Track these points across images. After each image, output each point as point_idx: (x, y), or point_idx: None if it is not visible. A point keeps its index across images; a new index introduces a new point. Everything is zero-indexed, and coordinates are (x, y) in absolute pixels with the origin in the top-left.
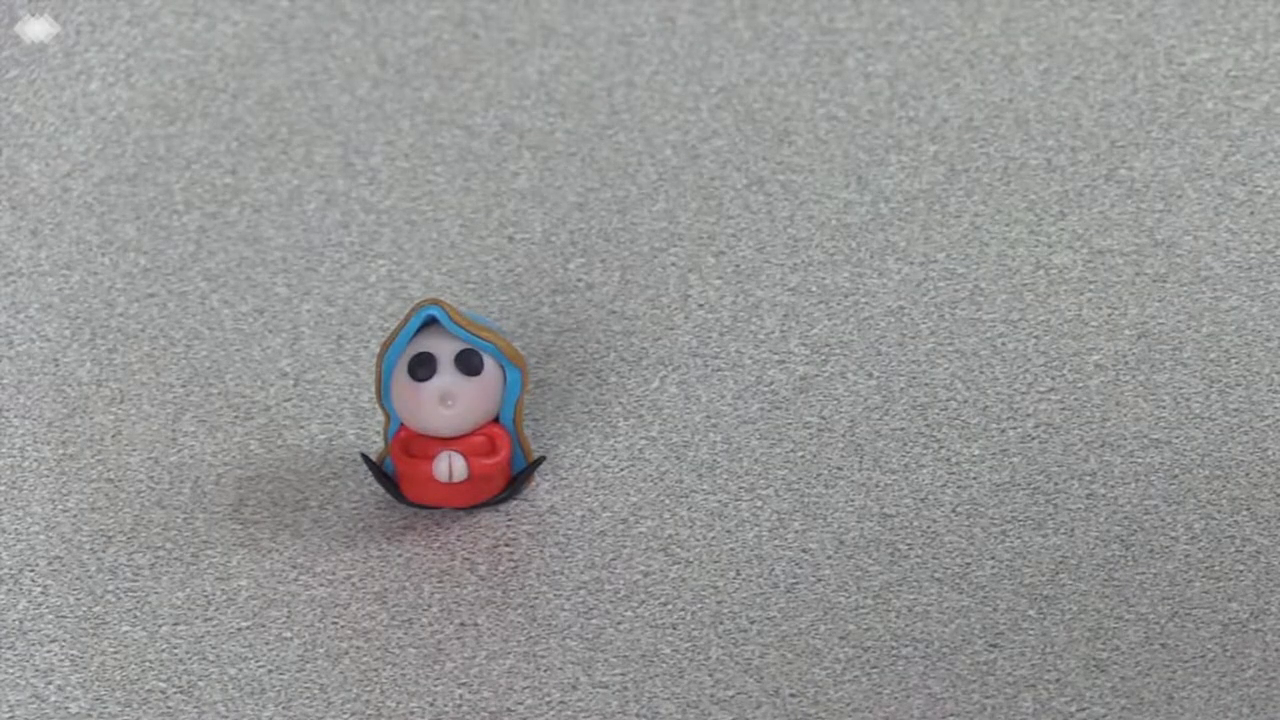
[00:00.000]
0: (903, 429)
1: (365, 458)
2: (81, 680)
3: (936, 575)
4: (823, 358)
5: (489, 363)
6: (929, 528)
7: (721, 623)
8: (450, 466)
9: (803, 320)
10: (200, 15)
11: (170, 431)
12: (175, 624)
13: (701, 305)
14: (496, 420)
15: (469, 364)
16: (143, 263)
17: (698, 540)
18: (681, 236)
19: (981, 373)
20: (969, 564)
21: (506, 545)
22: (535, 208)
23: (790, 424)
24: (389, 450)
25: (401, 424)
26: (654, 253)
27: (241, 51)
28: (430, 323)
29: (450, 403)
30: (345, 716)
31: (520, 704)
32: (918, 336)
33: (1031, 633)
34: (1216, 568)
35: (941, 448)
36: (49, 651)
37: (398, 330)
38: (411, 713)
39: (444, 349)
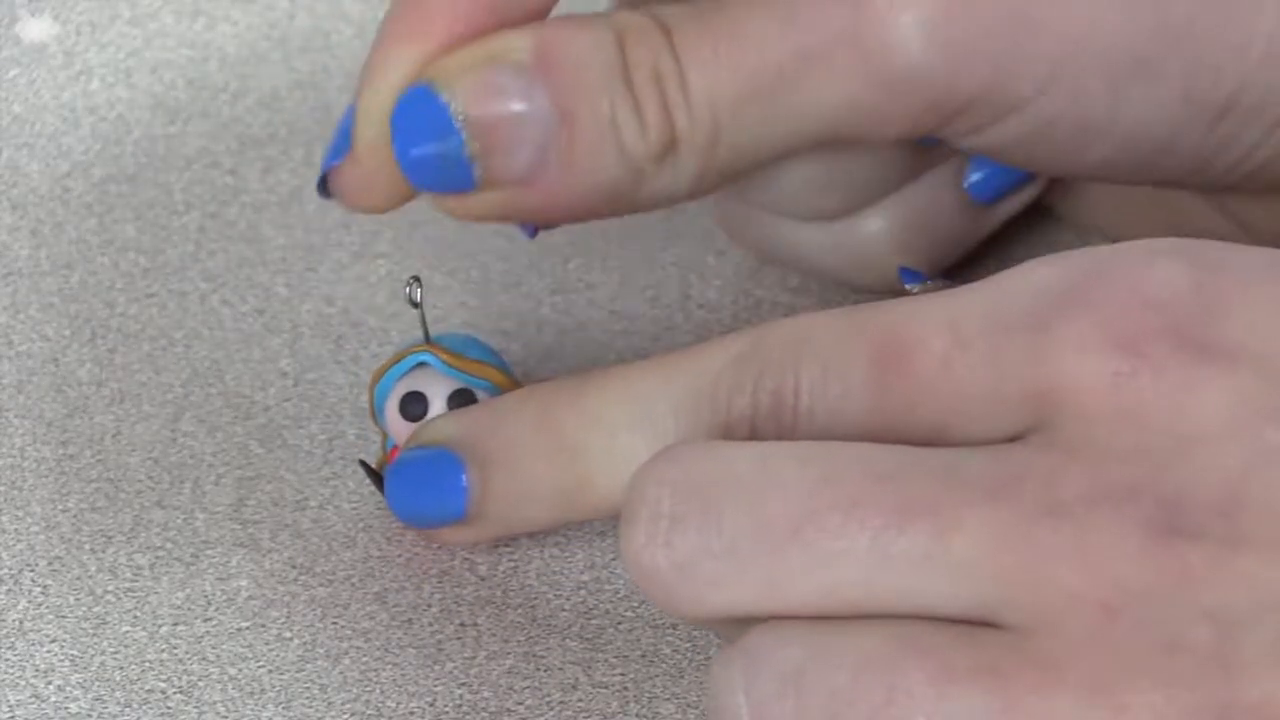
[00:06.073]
0: None
1: (364, 464)
2: (81, 680)
3: None
4: None
5: (483, 399)
6: None
7: None
8: None
9: None
10: (200, 15)
11: (170, 431)
12: (175, 624)
13: (701, 305)
14: None
15: (463, 403)
16: (143, 263)
17: None
18: (681, 236)
19: None
20: None
21: (506, 545)
22: None
23: None
24: (387, 459)
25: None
26: (654, 253)
27: (241, 51)
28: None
29: None
30: (345, 716)
31: (520, 704)
32: None
33: None
34: None
35: None
36: (49, 651)
37: (386, 368)
38: (411, 713)
39: (436, 388)
